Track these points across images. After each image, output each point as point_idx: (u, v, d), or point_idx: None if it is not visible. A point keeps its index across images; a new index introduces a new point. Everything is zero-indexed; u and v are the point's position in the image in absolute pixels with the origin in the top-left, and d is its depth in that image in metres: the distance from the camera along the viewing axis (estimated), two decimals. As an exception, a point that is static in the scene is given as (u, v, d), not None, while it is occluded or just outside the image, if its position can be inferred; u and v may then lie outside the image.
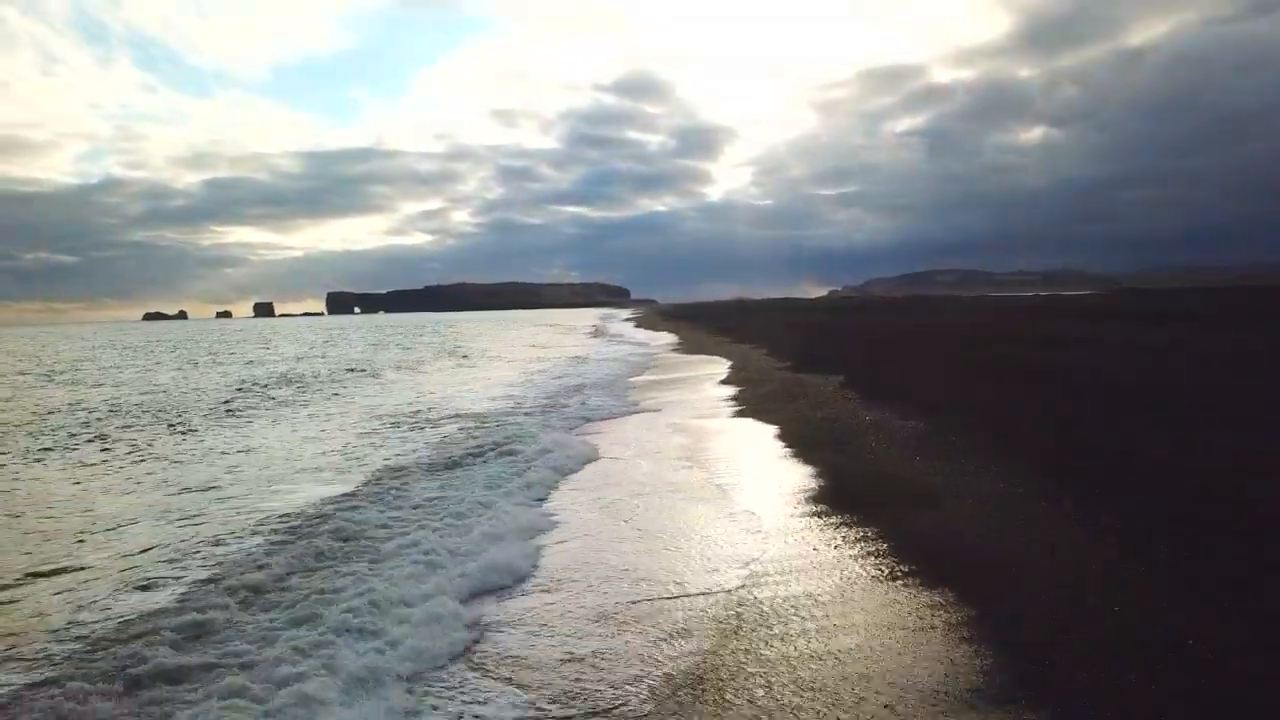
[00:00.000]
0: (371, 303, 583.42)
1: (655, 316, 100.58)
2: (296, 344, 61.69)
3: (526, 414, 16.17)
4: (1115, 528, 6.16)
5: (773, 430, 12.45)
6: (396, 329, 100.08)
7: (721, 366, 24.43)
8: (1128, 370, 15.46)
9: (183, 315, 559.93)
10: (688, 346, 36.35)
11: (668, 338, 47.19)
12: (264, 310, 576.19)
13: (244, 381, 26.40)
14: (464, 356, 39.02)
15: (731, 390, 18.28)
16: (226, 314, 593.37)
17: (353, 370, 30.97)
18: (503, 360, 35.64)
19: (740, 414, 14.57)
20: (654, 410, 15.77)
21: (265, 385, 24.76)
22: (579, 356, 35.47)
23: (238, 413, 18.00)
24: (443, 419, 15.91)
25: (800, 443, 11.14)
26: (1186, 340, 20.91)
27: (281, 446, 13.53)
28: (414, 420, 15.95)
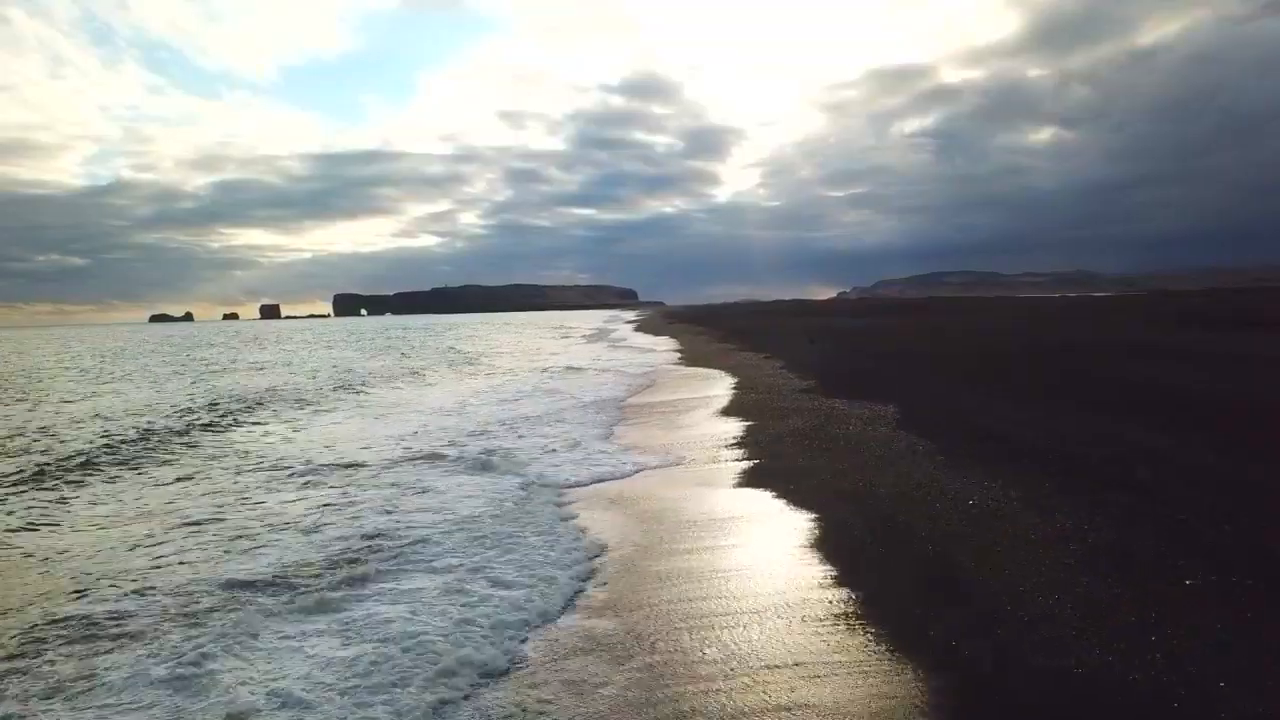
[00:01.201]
0: (378, 305, 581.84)
1: (659, 320, 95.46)
2: (277, 351, 56.72)
3: (445, 468, 11.08)
4: None
5: (805, 525, 7.21)
6: (393, 333, 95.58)
7: (726, 386, 19.26)
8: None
9: (189, 317, 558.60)
10: (689, 356, 31.15)
11: (669, 344, 42.04)
12: (270, 312, 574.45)
13: (146, 409, 21.44)
14: (438, 367, 33.88)
15: (737, 426, 13.10)
16: (233, 316, 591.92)
17: (304, 386, 25.96)
18: (477, 373, 30.53)
19: (748, 479, 9.32)
20: (622, 476, 10.47)
21: (185, 411, 19.79)
22: (566, 366, 30.42)
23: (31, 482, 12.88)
24: (315, 484, 10.80)
25: (862, 571, 5.89)
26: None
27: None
28: (267, 482, 10.85)
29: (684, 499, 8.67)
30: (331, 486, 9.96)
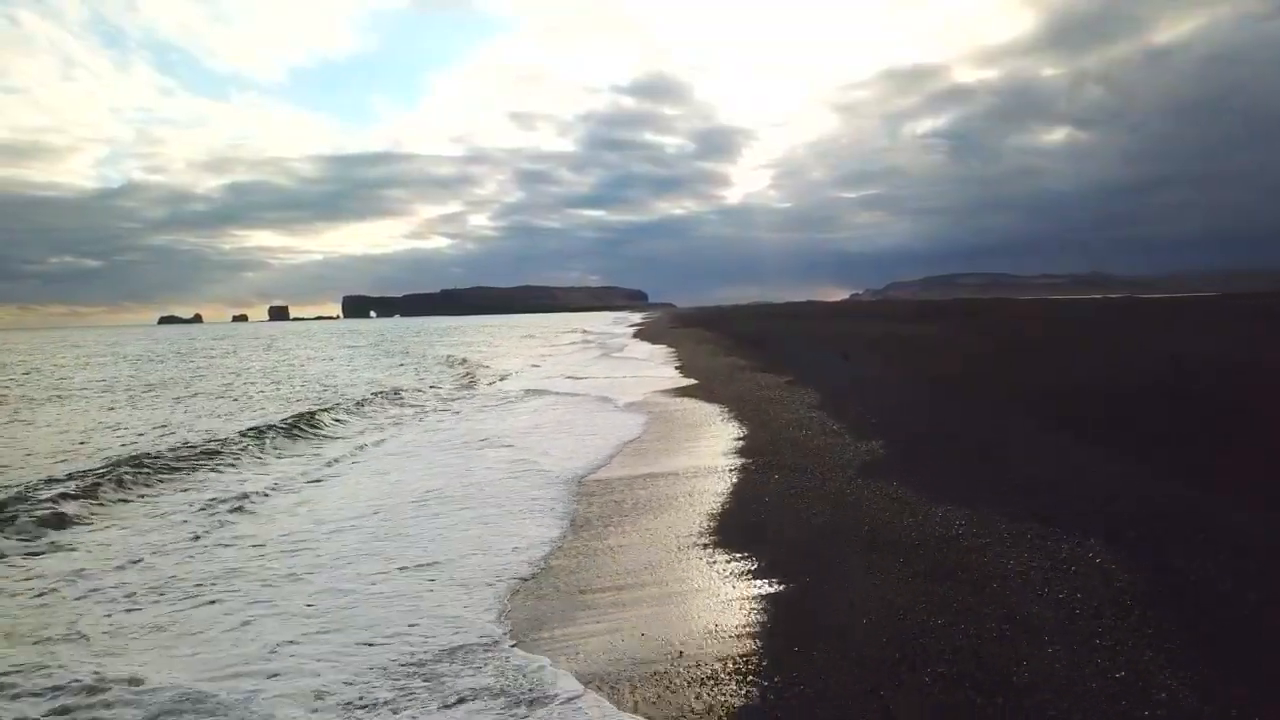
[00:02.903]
0: (388, 307, 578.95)
1: (664, 324, 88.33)
2: (249, 359, 50.28)
3: None
4: None
5: None
6: (387, 336, 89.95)
7: (736, 445, 12.14)
8: None
9: (198, 319, 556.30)
10: (689, 379, 23.99)
11: (667, 356, 35.00)
12: (278, 314, 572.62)
13: None
14: (372, 397, 26.84)
15: (760, 602, 6.04)
16: (242, 318, 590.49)
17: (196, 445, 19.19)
18: (415, 402, 23.57)
19: None
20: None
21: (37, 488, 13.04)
22: (529, 389, 23.62)
23: None
24: None
25: None
26: None
27: None
28: None
29: None
30: None
